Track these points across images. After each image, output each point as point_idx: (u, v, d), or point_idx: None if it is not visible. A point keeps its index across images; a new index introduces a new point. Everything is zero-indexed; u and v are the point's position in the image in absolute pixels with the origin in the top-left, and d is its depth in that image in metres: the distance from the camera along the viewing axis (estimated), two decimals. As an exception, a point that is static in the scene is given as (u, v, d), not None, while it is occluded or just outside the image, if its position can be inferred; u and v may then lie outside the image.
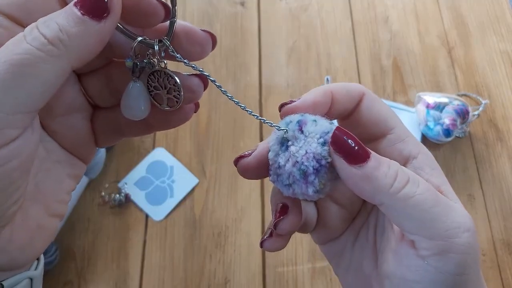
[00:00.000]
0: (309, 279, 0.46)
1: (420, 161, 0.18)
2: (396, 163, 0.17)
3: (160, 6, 0.16)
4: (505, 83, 0.57)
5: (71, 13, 0.14)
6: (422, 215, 0.16)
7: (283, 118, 0.19)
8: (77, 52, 0.15)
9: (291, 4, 0.62)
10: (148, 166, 0.50)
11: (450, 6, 0.62)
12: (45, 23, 0.14)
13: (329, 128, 0.17)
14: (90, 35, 0.15)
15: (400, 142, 0.19)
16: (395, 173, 0.16)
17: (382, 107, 0.20)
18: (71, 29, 0.14)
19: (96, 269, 0.46)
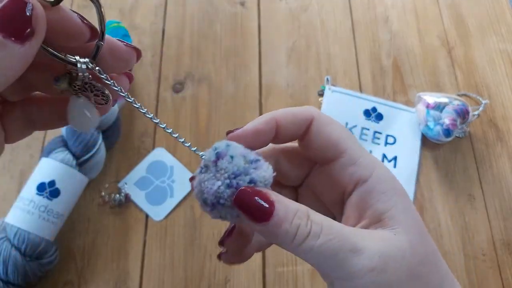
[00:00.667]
0: (309, 279, 0.46)
1: (369, 184, 0.19)
2: (304, 212, 0.17)
3: (86, 27, 0.16)
4: (505, 83, 0.57)
5: None
6: (326, 262, 0.17)
7: None
8: (4, 77, 0.13)
9: (291, 4, 0.62)
10: (148, 166, 0.50)
11: (450, 6, 0.62)
12: None
13: (241, 170, 0.17)
14: (13, 59, 0.13)
15: (352, 165, 0.19)
16: (296, 228, 0.17)
17: (333, 131, 0.19)
18: None
19: (96, 269, 0.46)
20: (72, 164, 0.45)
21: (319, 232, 0.17)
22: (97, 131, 0.47)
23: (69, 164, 0.45)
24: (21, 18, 0.13)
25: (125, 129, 0.52)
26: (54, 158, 0.45)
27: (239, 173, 0.17)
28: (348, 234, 0.17)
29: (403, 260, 0.17)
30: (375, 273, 0.17)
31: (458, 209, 0.50)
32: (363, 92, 0.56)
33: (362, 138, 0.53)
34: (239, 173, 0.17)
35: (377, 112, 0.55)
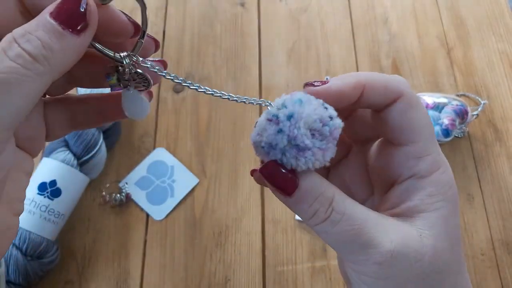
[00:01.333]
0: (309, 278, 0.46)
1: (422, 183, 0.18)
2: (328, 198, 0.17)
3: (131, 25, 0.17)
4: (504, 83, 0.58)
5: (51, 28, 0.14)
6: (338, 247, 0.18)
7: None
8: (59, 67, 0.15)
9: (291, 5, 0.62)
10: (149, 166, 0.50)
11: (449, 7, 0.63)
12: (24, 37, 0.14)
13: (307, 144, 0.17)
14: (71, 49, 0.15)
15: (416, 159, 0.18)
16: (313, 211, 0.17)
17: (417, 116, 0.18)
18: (54, 45, 0.14)
19: (97, 268, 0.46)
20: (73, 164, 0.45)
21: (338, 220, 0.17)
22: (98, 131, 0.47)
23: (70, 164, 0.45)
24: (77, 13, 0.14)
25: (125, 129, 0.53)
26: (55, 158, 0.45)
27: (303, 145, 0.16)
28: (370, 227, 0.17)
29: (416, 262, 0.17)
30: (380, 266, 0.17)
31: (457, 209, 0.50)
32: (363, 92, 0.56)
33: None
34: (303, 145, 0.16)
35: (376, 113, 0.55)
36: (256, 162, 0.51)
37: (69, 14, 0.14)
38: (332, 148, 0.17)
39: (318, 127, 0.17)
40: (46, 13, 0.14)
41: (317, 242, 0.48)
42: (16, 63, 0.14)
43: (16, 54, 0.14)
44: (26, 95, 0.14)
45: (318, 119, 0.17)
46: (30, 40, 0.14)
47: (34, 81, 0.14)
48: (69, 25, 0.14)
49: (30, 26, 0.14)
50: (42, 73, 0.14)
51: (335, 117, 0.17)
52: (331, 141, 0.17)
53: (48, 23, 0.14)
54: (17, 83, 0.13)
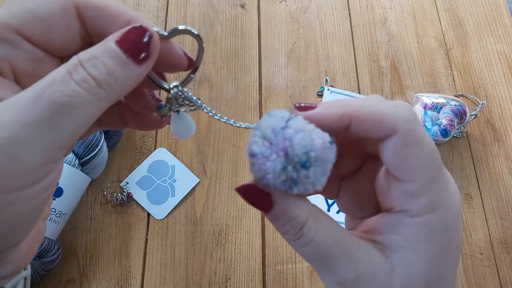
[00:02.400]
0: (308, 277, 0.47)
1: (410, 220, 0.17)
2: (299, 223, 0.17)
3: (186, 60, 0.18)
4: (502, 84, 0.58)
5: (116, 55, 0.15)
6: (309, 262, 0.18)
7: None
8: (119, 93, 0.15)
9: (290, 6, 0.62)
10: (150, 166, 0.51)
11: (448, 8, 0.63)
12: (90, 62, 0.14)
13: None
14: (132, 78, 0.15)
15: (408, 197, 0.17)
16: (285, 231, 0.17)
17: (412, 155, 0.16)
18: (118, 73, 0.15)
19: (98, 267, 0.46)
20: (75, 164, 0.46)
21: (305, 244, 0.17)
22: (99, 131, 0.48)
23: (72, 164, 0.45)
24: (141, 43, 0.15)
25: (126, 130, 0.53)
26: (57, 157, 0.45)
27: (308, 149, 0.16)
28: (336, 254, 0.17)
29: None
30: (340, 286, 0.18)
31: (455, 208, 0.51)
32: (362, 93, 0.57)
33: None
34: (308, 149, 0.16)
35: (375, 113, 0.55)
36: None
37: (134, 43, 0.15)
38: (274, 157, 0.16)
39: (268, 135, 0.16)
40: (112, 40, 0.15)
41: (317, 241, 0.48)
42: (81, 88, 0.14)
43: (82, 78, 0.14)
44: (85, 118, 0.14)
45: (270, 129, 0.16)
46: (96, 66, 0.14)
47: (94, 106, 0.14)
48: (133, 54, 0.15)
49: (96, 51, 0.15)
50: (103, 98, 0.14)
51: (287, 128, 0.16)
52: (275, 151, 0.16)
53: (114, 51, 0.15)
54: (79, 107, 0.14)
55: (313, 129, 0.16)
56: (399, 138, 0.16)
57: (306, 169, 0.16)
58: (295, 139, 0.16)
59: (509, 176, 0.53)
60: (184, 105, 0.20)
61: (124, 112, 0.20)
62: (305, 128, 0.16)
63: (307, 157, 0.16)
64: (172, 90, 0.19)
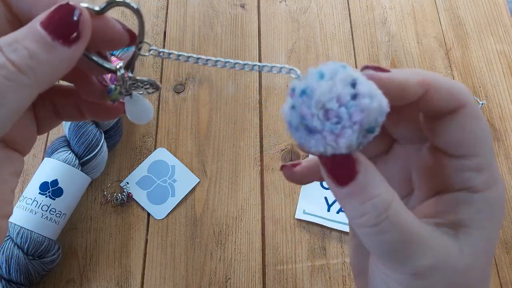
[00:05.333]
0: (308, 277, 0.47)
1: (473, 199, 0.17)
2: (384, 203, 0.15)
3: (126, 33, 0.16)
4: (502, 84, 0.58)
5: (40, 38, 0.13)
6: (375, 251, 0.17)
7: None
8: (46, 79, 0.14)
9: (290, 6, 0.62)
10: (150, 166, 0.51)
11: (448, 8, 0.63)
12: (11, 46, 0.13)
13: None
14: (60, 61, 0.14)
15: (473, 172, 0.17)
16: (363, 212, 0.15)
17: (478, 128, 0.16)
18: (42, 56, 0.13)
19: (98, 267, 0.46)
20: (75, 164, 0.46)
21: (388, 231, 0.15)
22: (99, 131, 0.48)
23: (71, 164, 0.45)
24: (69, 23, 0.14)
25: (127, 129, 0.53)
26: (57, 158, 0.45)
27: None
28: (415, 241, 0.16)
29: (451, 278, 0.16)
30: (415, 277, 0.16)
31: (455, 208, 0.51)
32: (362, 92, 0.57)
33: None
34: None
35: (375, 113, 0.55)
36: (256, 162, 0.52)
37: (61, 24, 0.14)
38: (350, 133, 0.14)
39: (334, 107, 0.14)
40: (37, 22, 0.14)
41: (317, 241, 0.48)
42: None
43: (0, 64, 0.13)
44: (9, 108, 0.13)
45: (334, 98, 0.14)
46: (16, 50, 0.13)
47: (17, 93, 0.13)
48: (60, 35, 0.14)
49: (18, 34, 0.14)
50: (26, 85, 0.13)
51: (362, 97, 0.14)
52: (349, 125, 0.14)
53: (38, 33, 0.13)
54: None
55: (379, 92, 0.15)
56: (469, 110, 0.16)
57: (372, 132, 0.15)
58: (372, 110, 0.14)
59: (509, 176, 0.53)
60: (138, 87, 0.19)
61: (79, 103, 0.19)
62: (374, 90, 0.14)
63: (376, 123, 0.15)
64: (119, 71, 0.17)
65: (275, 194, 0.50)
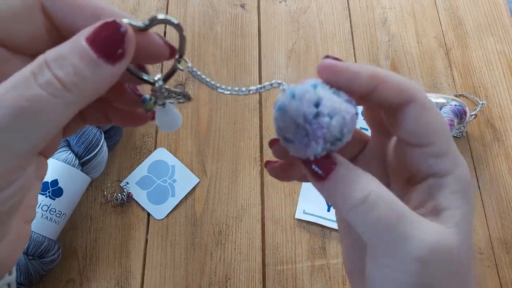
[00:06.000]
0: (308, 277, 0.47)
1: (443, 181, 0.18)
2: (368, 182, 0.17)
3: (166, 48, 0.17)
4: (502, 84, 0.58)
5: (85, 55, 0.13)
6: (374, 236, 0.17)
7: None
8: (89, 96, 0.14)
9: (290, 6, 0.62)
10: (150, 165, 0.51)
11: (448, 8, 0.63)
12: (57, 62, 0.13)
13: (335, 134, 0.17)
14: (104, 78, 0.14)
15: (434, 158, 0.18)
16: (350, 192, 0.17)
17: (431, 118, 0.18)
18: (86, 73, 0.13)
19: (98, 267, 0.46)
20: (75, 164, 0.46)
21: (378, 204, 0.16)
22: (99, 131, 0.48)
23: (71, 164, 0.45)
24: (114, 41, 0.14)
25: (127, 129, 0.53)
26: (57, 158, 0.45)
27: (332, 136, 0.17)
28: (408, 218, 0.17)
29: (448, 260, 0.17)
30: (420, 264, 0.16)
31: (455, 208, 0.51)
32: (362, 92, 0.57)
33: (361, 138, 0.54)
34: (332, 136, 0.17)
35: (375, 113, 0.55)
36: (256, 162, 0.52)
37: (106, 42, 0.14)
38: (314, 145, 0.17)
39: (301, 123, 0.17)
40: (82, 38, 0.14)
41: (317, 241, 0.48)
42: (44, 91, 0.13)
43: (46, 80, 0.13)
44: (52, 123, 0.13)
45: (301, 116, 0.17)
46: (63, 66, 0.13)
47: (61, 110, 0.13)
48: (105, 53, 0.14)
49: (64, 50, 0.13)
50: (71, 102, 0.13)
51: (322, 116, 0.16)
52: (313, 139, 0.17)
53: (83, 49, 0.13)
54: (42, 112, 0.13)
55: (342, 103, 0.17)
56: (420, 103, 0.18)
57: (340, 141, 0.17)
58: (331, 126, 0.17)
59: (509, 176, 0.53)
60: (171, 97, 0.19)
61: (107, 109, 0.19)
62: (336, 108, 0.17)
63: (341, 134, 0.17)
64: (157, 83, 0.18)
65: (275, 194, 0.50)
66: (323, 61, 0.18)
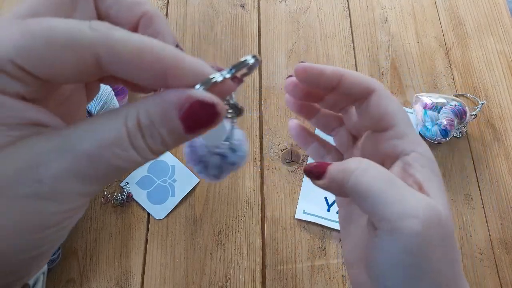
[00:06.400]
0: (308, 277, 0.47)
1: (411, 158, 0.21)
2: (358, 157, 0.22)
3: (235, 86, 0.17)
4: (502, 83, 0.58)
5: (176, 130, 0.14)
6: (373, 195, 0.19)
7: None
8: None
9: (290, 6, 0.62)
10: (150, 165, 0.51)
11: (448, 8, 0.63)
12: (149, 129, 0.14)
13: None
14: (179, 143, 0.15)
15: (398, 139, 0.21)
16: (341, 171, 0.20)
17: (390, 104, 0.21)
18: (171, 144, 0.15)
19: (98, 267, 0.46)
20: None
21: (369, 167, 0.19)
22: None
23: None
24: (206, 123, 0.14)
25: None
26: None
27: None
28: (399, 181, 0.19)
29: (439, 223, 0.18)
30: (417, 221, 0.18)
31: (455, 208, 0.51)
32: (362, 93, 0.57)
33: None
34: None
35: (375, 113, 0.55)
36: (256, 162, 0.52)
37: (198, 122, 0.14)
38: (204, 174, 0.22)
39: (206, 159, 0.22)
40: (175, 111, 0.14)
41: (317, 241, 0.48)
42: (140, 157, 0.14)
43: (140, 147, 0.14)
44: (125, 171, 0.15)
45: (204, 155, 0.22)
46: (154, 137, 0.14)
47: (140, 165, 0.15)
48: (192, 130, 0.14)
49: (155, 117, 0.14)
50: (149, 160, 0.15)
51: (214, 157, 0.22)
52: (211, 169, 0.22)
53: (175, 125, 0.14)
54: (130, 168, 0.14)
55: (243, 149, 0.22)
56: (378, 93, 0.21)
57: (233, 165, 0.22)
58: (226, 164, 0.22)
59: (509, 176, 0.53)
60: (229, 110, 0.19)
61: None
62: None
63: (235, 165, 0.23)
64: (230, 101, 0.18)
65: (275, 194, 0.50)
66: (299, 64, 0.22)
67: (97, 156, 0.13)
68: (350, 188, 0.19)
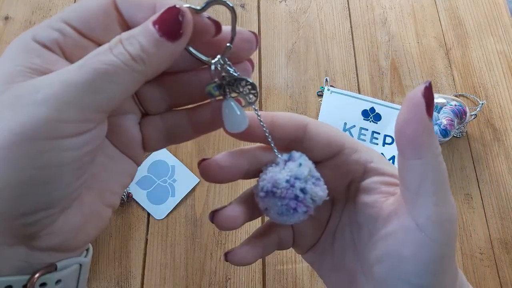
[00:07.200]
0: (308, 277, 0.47)
1: (376, 162, 0.22)
2: None
3: (212, 24, 0.19)
4: (502, 84, 0.58)
5: (151, 34, 0.17)
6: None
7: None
8: (152, 68, 0.17)
9: (290, 6, 0.62)
10: (150, 166, 0.51)
11: (448, 8, 0.63)
12: (128, 40, 0.17)
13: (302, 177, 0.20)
14: (165, 54, 0.17)
15: (355, 153, 0.22)
16: None
17: (329, 130, 0.22)
18: (151, 49, 0.17)
19: (98, 267, 0.46)
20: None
21: None
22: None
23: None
24: (175, 23, 0.17)
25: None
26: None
27: (299, 177, 0.20)
28: None
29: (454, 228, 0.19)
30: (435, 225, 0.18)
31: (455, 208, 0.51)
32: (362, 93, 0.57)
33: (361, 138, 0.54)
34: (299, 177, 0.20)
35: (375, 113, 0.55)
36: (256, 162, 0.52)
37: (168, 24, 0.17)
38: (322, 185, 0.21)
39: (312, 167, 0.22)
40: (150, 21, 0.17)
41: (317, 241, 0.48)
42: (117, 59, 0.16)
43: (119, 52, 0.16)
44: (121, 85, 0.16)
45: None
46: (132, 43, 0.17)
47: (130, 75, 0.17)
48: (166, 33, 0.17)
49: (135, 31, 0.17)
50: (137, 70, 0.17)
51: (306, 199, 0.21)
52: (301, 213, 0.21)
53: (149, 30, 0.17)
54: (114, 74, 0.16)
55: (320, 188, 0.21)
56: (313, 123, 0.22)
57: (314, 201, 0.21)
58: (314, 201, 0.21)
59: (509, 176, 0.53)
60: (234, 87, 0.20)
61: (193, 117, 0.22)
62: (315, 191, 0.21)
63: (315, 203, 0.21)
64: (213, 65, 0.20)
65: (275, 194, 0.50)
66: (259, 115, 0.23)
67: (83, 62, 0.16)
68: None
